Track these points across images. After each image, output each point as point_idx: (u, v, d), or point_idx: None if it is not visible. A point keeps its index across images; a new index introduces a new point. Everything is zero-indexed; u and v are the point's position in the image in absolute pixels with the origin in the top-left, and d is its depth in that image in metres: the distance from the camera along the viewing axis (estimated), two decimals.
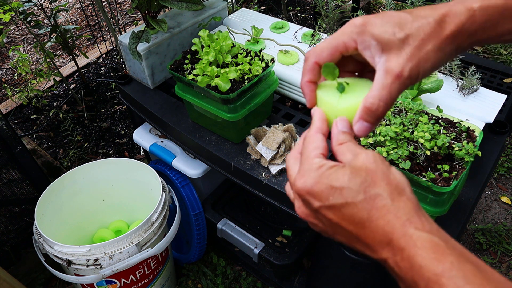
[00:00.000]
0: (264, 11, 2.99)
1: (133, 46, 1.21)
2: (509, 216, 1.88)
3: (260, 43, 1.38)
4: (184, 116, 1.28)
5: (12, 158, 1.51)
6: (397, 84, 0.42)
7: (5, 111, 2.43)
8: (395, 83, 0.42)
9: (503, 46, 2.71)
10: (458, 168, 0.80)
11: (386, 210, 0.38)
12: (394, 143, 0.82)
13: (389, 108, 0.43)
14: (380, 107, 0.43)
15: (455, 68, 1.17)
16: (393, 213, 0.38)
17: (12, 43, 3.18)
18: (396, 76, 0.41)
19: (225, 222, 1.48)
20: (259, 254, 1.37)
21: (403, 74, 0.41)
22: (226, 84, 1.02)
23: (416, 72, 0.42)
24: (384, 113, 0.44)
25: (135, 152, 2.24)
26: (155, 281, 1.44)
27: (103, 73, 2.63)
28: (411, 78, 0.42)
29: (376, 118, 0.44)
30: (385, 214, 0.38)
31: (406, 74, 0.41)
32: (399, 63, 0.42)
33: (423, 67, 0.42)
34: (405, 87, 0.43)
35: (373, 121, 0.44)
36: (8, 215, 1.59)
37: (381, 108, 0.43)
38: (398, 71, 0.41)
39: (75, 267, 1.20)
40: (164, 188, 1.35)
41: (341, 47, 0.45)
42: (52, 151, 2.24)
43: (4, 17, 1.79)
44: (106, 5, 3.07)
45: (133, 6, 1.23)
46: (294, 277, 1.51)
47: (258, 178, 1.07)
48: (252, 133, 1.15)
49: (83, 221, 1.51)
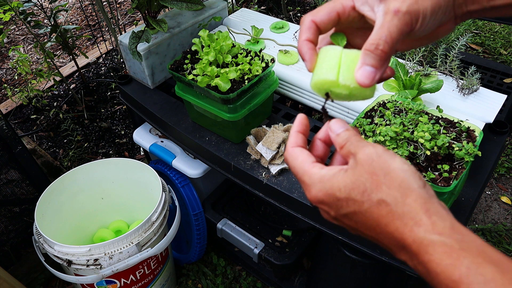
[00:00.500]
0: (264, 11, 2.99)
1: (133, 46, 1.21)
2: (509, 216, 1.88)
3: (260, 43, 1.38)
4: (184, 116, 1.28)
5: (12, 158, 1.51)
6: (395, 21, 0.41)
7: (5, 111, 2.43)
8: (394, 20, 0.41)
9: (503, 46, 2.71)
10: (458, 168, 0.80)
11: (392, 216, 0.36)
12: (394, 143, 0.82)
13: (391, 47, 0.41)
14: (380, 45, 0.41)
15: (455, 68, 1.17)
16: (400, 219, 0.36)
17: (12, 43, 3.18)
18: (394, 12, 0.41)
19: (225, 222, 1.48)
20: (259, 254, 1.37)
21: (401, 9, 0.40)
22: (226, 84, 1.02)
23: (415, 8, 0.41)
24: (388, 53, 0.42)
25: (135, 152, 2.24)
26: (155, 281, 1.44)
27: (103, 73, 2.63)
28: (410, 14, 0.41)
29: (379, 59, 0.42)
30: (392, 220, 0.36)
31: (404, 9, 0.40)
32: (397, 1, 0.41)
33: (423, 4, 0.41)
34: (407, 26, 0.41)
35: (376, 63, 0.42)
36: (8, 215, 1.59)
37: (381, 46, 0.41)
38: (395, 7, 0.41)
39: (75, 267, 1.20)
40: (164, 188, 1.35)
41: (338, 6, 0.44)
42: (52, 151, 2.24)
43: (4, 17, 1.79)
44: (106, 5, 3.07)
45: (133, 6, 1.23)
46: (294, 277, 1.51)
47: (258, 178, 1.07)
48: (252, 133, 1.15)
49: (83, 221, 1.51)
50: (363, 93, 0.44)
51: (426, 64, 1.20)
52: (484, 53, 2.69)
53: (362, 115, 0.93)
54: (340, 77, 0.43)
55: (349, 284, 1.16)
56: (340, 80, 0.43)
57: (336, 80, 0.43)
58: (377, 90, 1.33)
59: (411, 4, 0.41)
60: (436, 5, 0.42)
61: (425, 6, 0.41)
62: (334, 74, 0.43)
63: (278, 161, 1.08)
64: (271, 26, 1.45)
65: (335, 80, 0.43)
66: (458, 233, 0.34)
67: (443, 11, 0.43)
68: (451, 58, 1.16)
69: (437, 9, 0.42)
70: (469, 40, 2.17)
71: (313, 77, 0.46)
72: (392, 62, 1.15)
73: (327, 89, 0.45)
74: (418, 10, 0.41)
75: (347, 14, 0.45)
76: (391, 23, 0.41)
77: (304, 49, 0.45)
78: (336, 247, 1.08)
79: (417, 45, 0.48)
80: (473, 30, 2.88)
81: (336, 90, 0.44)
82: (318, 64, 0.45)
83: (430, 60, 1.24)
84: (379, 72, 0.42)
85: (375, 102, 0.96)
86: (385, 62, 0.42)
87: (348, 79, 0.43)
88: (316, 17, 0.45)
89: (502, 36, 2.81)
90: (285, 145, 1.09)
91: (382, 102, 0.95)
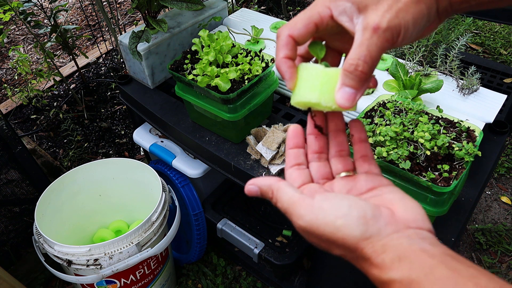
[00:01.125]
0: (264, 11, 2.99)
1: (133, 46, 1.21)
2: (509, 216, 1.88)
3: (260, 43, 1.38)
4: (184, 116, 1.28)
5: (12, 158, 1.51)
6: (375, 39, 0.38)
7: (5, 111, 2.43)
8: (373, 38, 0.38)
9: (503, 46, 2.71)
10: (458, 168, 0.80)
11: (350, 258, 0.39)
12: (394, 143, 0.82)
13: (371, 67, 0.39)
14: (359, 66, 0.39)
15: (455, 68, 1.17)
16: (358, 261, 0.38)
17: (12, 43, 3.18)
18: (373, 29, 0.38)
19: (225, 222, 1.48)
20: (259, 254, 1.37)
21: (381, 26, 0.38)
22: (226, 84, 1.02)
23: (396, 22, 0.38)
24: (367, 73, 0.40)
25: (135, 152, 2.24)
26: (155, 281, 1.44)
27: (103, 73, 2.63)
28: (391, 29, 0.38)
29: (359, 80, 0.40)
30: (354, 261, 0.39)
31: (384, 25, 0.38)
32: (377, 15, 0.38)
33: (404, 18, 0.38)
34: (387, 43, 0.39)
35: (355, 84, 0.40)
36: (8, 215, 1.59)
37: (360, 67, 0.39)
38: (375, 24, 0.38)
39: (75, 267, 1.20)
40: (164, 188, 1.35)
41: (315, 17, 0.42)
42: (52, 151, 2.24)
43: (4, 17, 1.79)
44: (106, 5, 3.07)
45: (133, 6, 1.23)
46: (294, 277, 1.51)
47: None
48: (252, 133, 1.15)
49: (83, 221, 1.51)
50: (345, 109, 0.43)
51: (426, 64, 1.20)
52: (484, 53, 2.69)
53: (362, 115, 0.93)
54: (321, 99, 0.43)
55: (349, 284, 1.16)
56: (322, 102, 0.43)
57: (318, 102, 0.43)
58: (377, 90, 1.32)
59: (392, 19, 0.38)
60: (418, 15, 0.39)
61: (407, 19, 0.38)
62: (316, 97, 0.43)
63: (278, 161, 1.08)
64: (271, 26, 1.45)
65: (317, 102, 0.43)
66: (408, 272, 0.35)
67: (427, 18, 0.40)
68: (451, 58, 1.16)
69: (419, 20, 0.39)
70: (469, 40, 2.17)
71: (294, 96, 0.45)
72: (392, 62, 1.15)
73: (309, 107, 0.46)
74: (399, 25, 0.38)
75: (325, 23, 0.42)
76: (370, 41, 0.38)
77: (284, 68, 0.44)
78: None
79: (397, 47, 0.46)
80: (473, 30, 2.88)
81: (318, 108, 0.45)
82: (299, 84, 0.44)
83: (430, 60, 1.24)
84: (360, 92, 0.41)
85: (375, 102, 0.96)
86: (365, 82, 0.41)
87: (329, 101, 0.42)
88: (293, 31, 0.43)
89: (502, 36, 2.81)
90: (285, 145, 1.09)
91: (382, 102, 0.95)
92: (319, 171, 0.47)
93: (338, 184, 0.46)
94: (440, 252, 0.33)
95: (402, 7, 0.38)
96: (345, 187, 0.45)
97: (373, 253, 0.35)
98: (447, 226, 0.94)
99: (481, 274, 0.31)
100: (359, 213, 0.37)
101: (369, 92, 1.16)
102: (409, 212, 0.38)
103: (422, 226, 0.37)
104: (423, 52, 1.21)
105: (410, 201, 0.40)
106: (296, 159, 0.47)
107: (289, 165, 0.47)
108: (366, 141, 0.47)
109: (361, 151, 0.46)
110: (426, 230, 0.37)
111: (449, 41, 1.22)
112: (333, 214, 0.37)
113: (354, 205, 0.38)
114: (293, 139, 0.47)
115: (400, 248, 0.34)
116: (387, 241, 0.35)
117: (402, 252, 0.34)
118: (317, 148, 0.48)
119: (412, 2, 0.39)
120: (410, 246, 0.34)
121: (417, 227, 0.37)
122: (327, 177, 0.47)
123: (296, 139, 0.47)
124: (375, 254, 0.35)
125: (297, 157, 0.47)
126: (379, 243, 0.36)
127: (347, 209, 0.37)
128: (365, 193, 0.43)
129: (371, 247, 0.36)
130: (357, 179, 0.45)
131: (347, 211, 0.37)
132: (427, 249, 0.34)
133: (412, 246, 0.34)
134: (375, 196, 0.42)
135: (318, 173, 0.47)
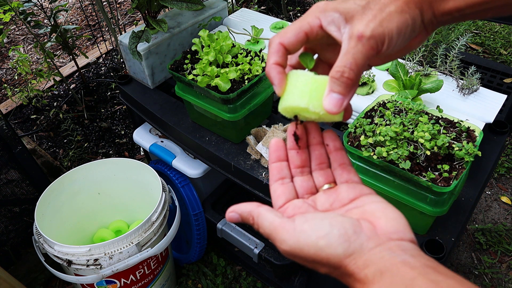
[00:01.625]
0: (264, 11, 2.99)
1: (133, 46, 1.21)
2: (509, 216, 1.88)
3: (260, 43, 1.38)
4: (184, 116, 1.28)
5: (12, 158, 1.51)
6: (360, 46, 0.40)
7: (5, 111, 2.43)
8: (358, 45, 0.40)
9: (503, 46, 2.72)
10: (458, 168, 0.80)
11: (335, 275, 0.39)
12: (394, 143, 0.82)
13: (357, 74, 0.41)
14: (345, 73, 0.41)
15: (455, 68, 1.17)
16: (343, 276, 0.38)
17: (12, 43, 3.18)
18: (358, 37, 0.40)
19: (225, 222, 1.48)
20: (259, 254, 1.37)
21: (365, 34, 0.40)
22: (226, 84, 1.02)
23: (380, 31, 0.40)
24: (353, 80, 0.42)
25: (135, 152, 2.24)
26: (155, 281, 1.44)
27: (103, 73, 2.63)
28: (375, 38, 0.40)
29: (345, 86, 0.42)
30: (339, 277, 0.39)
31: (368, 33, 0.40)
32: (362, 24, 0.40)
33: (388, 27, 0.40)
34: (372, 50, 0.41)
35: (342, 90, 0.42)
36: (8, 215, 1.59)
37: (346, 74, 0.41)
38: (359, 32, 0.40)
39: (75, 267, 1.20)
40: (164, 188, 1.35)
41: (305, 26, 0.44)
42: (52, 151, 2.24)
43: (4, 17, 1.79)
44: (106, 5, 3.08)
45: (133, 6, 1.23)
46: (294, 277, 1.51)
47: (258, 178, 1.07)
48: (252, 133, 1.15)
49: (83, 221, 1.51)
50: (332, 118, 0.44)
51: (426, 64, 1.20)
52: (484, 53, 2.69)
53: (362, 115, 0.93)
54: (310, 105, 0.44)
55: None
56: (310, 107, 0.44)
57: (307, 107, 0.44)
58: (377, 90, 1.33)
59: (375, 28, 0.40)
60: (402, 24, 0.41)
61: (390, 28, 0.40)
62: (305, 102, 0.44)
63: None
64: (271, 26, 1.45)
65: (305, 108, 0.44)
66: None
67: (411, 28, 0.42)
68: (451, 58, 1.16)
69: (403, 29, 0.41)
70: (469, 40, 2.17)
71: (282, 102, 0.46)
72: (392, 62, 1.15)
73: (296, 113, 0.46)
74: (383, 33, 0.40)
75: (315, 33, 0.44)
76: (356, 49, 0.40)
77: (273, 74, 0.45)
78: None
79: (390, 60, 0.47)
80: (473, 30, 2.88)
81: (305, 115, 0.45)
82: (288, 89, 0.45)
83: (430, 60, 1.24)
84: (347, 98, 0.43)
85: (375, 102, 0.96)
86: (352, 88, 0.42)
87: (317, 107, 0.43)
88: (283, 39, 0.44)
89: (502, 36, 2.81)
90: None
91: (382, 102, 0.95)
92: (303, 186, 0.48)
93: (321, 197, 0.46)
94: (420, 264, 0.34)
95: (386, 17, 0.40)
96: (328, 200, 0.46)
97: (356, 269, 0.36)
98: (447, 226, 0.94)
99: (459, 284, 0.32)
100: (339, 231, 0.38)
101: (369, 92, 1.16)
102: (390, 223, 0.39)
103: (404, 237, 0.38)
104: (423, 52, 1.21)
105: (392, 211, 0.40)
106: (279, 173, 0.48)
107: (273, 179, 0.48)
108: (342, 149, 0.48)
109: (338, 159, 0.48)
110: (408, 241, 0.38)
111: (449, 41, 1.22)
112: (314, 235, 0.38)
113: (335, 223, 0.39)
114: (275, 152, 0.48)
115: (382, 261, 0.35)
116: (369, 256, 0.36)
117: (383, 266, 0.35)
118: (299, 162, 0.48)
119: (396, 12, 0.40)
120: (391, 259, 0.35)
121: (399, 239, 0.37)
122: (311, 191, 0.48)
123: (277, 152, 0.48)
124: (358, 269, 0.36)
125: (280, 171, 0.48)
126: (361, 259, 0.36)
127: (329, 228, 0.38)
128: (347, 204, 0.44)
129: (354, 263, 0.36)
130: (338, 190, 0.46)
131: (328, 230, 0.38)
132: (408, 261, 0.34)
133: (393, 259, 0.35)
134: (357, 207, 0.43)
135: (301, 188, 0.48)
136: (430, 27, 0.43)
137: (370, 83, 1.17)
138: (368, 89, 1.16)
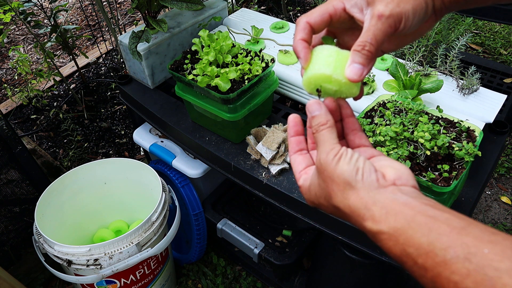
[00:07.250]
0: (264, 11, 2.99)
1: (133, 46, 1.21)
2: (509, 216, 1.88)
3: (260, 43, 1.38)
4: (184, 116, 1.28)
5: (12, 158, 1.51)
6: (380, 24, 0.46)
7: (5, 111, 2.43)
8: (378, 24, 0.46)
9: (503, 46, 2.71)
10: (458, 168, 0.80)
11: (348, 216, 0.44)
12: (394, 143, 0.82)
13: (376, 48, 0.47)
14: (367, 46, 0.47)
15: (455, 68, 1.17)
16: (354, 217, 0.43)
17: (12, 43, 3.18)
18: (378, 16, 0.46)
19: (225, 222, 1.48)
20: (259, 254, 1.37)
21: (384, 14, 0.46)
22: (226, 84, 1.02)
23: (397, 11, 0.46)
24: (373, 53, 0.47)
25: (135, 152, 2.24)
26: (155, 281, 1.44)
27: (103, 73, 2.63)
28: (393, 17, 0.46)
29: (366, 58, 0.47)
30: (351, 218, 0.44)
31: (388, 13, 0.46)
32: (381, 5, 0.46)
33: (404, 7, 0.46)
34: (390, 28, 0.46)
35: (363, 61, 0.47)
36: (8, 215, 1.59)
37: (367, 47, 0.47)
38: (379, 12, 0.46)
39: (75, 267, 1.20)
40: (164, 188, 1.35)
41: (330, 8, 0.50)
42: (52, 151, 2.24)
43: (4, 17, 1.79)
44: (106, 5, 3.07)
45: (133, 6, 1.23)
46: (294, 277, 1.51)
47: (258, 178, 1.07)
48: (252, 133, 1.15)
49: (83, 221, 1.51)
50: (350, 90, 0.49)
51: (426, 64, 1.20)
52: (484, 53, 2.69)
53: (362, 115, 0.93)
54: (334, 73, 0.48)
55: (349, 284, 1.16)
56: (334, 75, 0.48)
57: (331, 74, 0.48)
58: (377, 90, 1.33)
59: (394, 8, 0.46)
60: (417, 6, 0.47)
61: (407, 8, 0.46)
62: (330, 70, 0.48)
63: (278, 161, 1.08)
64: (271, 26, 1.45)
65: (329, 75, 0.48)
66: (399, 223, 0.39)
67: (425, 11, 0.48)
68: (451, 58, 1.16)
69: (418, 10, 0.47)
70: (469, 40, 2.17)
71: (307, 73, 0.50)
72: (392, 62, 1.15)
73: (319, 85, 0.50)
74: (400, 13, 0.46)
75: (338, 15, 0.50)
76: (376, 27, 0.46)
77: (299, 48, 0.50)
78: (336, 247, 1.08)
79: (403, 44, 0.53)
80: (473, 30, 2.88)
81: (327, 86, 0.49)
82: (313, 61, 0.50)
83: (430, 60, 1.24)
84: (366, 69, 0.48)
85: (375, 102, 0.96)
86: (371, 60, 0.48)
87: (340, 75, 0.48)
88: (310, 19, 0.50)
89: (502, 36, 2.81)
90: (285, 145, 1.09)
91: (382, 102, 0.95)
92: None
93: None
94: (420, 203, 0.39)
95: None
96: None
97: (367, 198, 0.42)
98: None
99: (454, 216, 0.37)
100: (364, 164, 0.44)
101: (369, 92, 1.16)
102: (396, 173, 0.45)
103: (406, 183, 0.43)
104: (423, 52, 1.21)
105: (398, 164, 0.47)
106: (298, 145, 0.53)
107: (293, 151, 0.53)
108: (353, 116, 0.52)
109: (350, 126, 0.52)
110: (410, 186, 0.43)
111: (449, 41, 1.22)
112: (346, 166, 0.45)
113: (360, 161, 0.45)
114: (294, 127, 0.53)
115: (386, 201, 0.40)
116: (377, 193, 0.42)
117: (389, 207, 0.40)
118: None
119: None
120: (394, 201, 0.40)
121: (402, 184, 0.43)
122: None
123: (296, 127, 0.53)
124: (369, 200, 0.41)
125: (299, 143, 0.53)
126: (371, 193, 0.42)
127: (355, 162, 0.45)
128: None
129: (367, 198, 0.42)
130: None
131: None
132: (408, 202, 0.39)
133: (396, 200, 0.40)
134: None
135: None
136: (439, 13, 0.50)
137: (370, 83, 1.17)
138: (368, 89, 1.16)
